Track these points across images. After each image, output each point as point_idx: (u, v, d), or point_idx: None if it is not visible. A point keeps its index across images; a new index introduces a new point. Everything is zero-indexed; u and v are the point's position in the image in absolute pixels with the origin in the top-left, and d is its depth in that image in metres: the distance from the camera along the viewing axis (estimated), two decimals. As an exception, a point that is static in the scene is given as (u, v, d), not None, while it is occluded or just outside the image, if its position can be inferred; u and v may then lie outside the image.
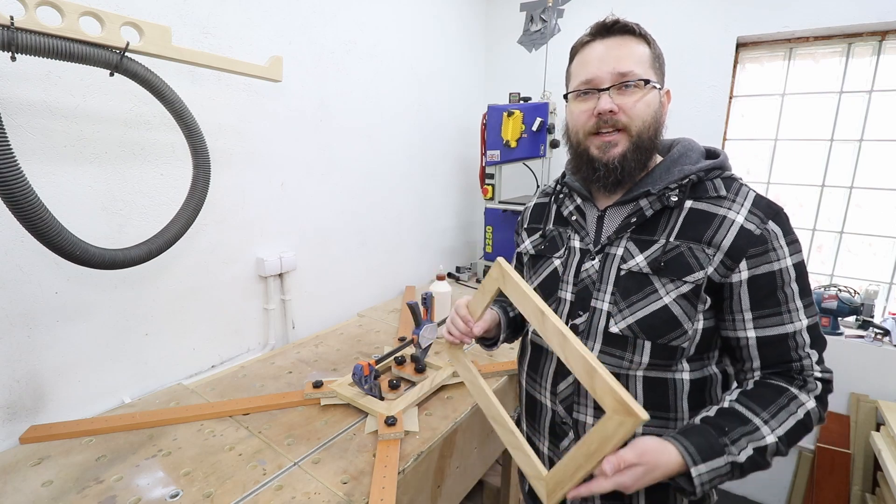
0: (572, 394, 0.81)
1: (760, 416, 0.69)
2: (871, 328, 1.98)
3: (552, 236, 0.91)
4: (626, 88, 0.74)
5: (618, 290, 0.77)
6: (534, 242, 0.94)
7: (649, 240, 0.76)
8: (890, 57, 1.92)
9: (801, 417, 0.70)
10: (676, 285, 0.72)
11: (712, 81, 2.15)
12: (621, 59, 0.74)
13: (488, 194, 2.36)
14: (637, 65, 0.74)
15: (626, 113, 0.74)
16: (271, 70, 1.33)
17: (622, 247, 0.78)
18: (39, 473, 0.92)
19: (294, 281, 1.70)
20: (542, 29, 2.49)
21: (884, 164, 1.99)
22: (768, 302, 0.72)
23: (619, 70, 0.73)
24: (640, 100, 0.74)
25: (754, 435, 0.67)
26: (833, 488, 1.99)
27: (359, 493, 0.89)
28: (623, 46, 0.75)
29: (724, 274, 0.71)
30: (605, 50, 0.75)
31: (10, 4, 0.85)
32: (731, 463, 0.65)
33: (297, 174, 1.66)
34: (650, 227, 0.77)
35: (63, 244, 0.91)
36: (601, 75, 0.75)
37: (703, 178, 0.76)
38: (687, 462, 0.64)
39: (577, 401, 0.81)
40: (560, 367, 0.83)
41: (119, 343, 1.23)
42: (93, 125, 1.11)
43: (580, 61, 0.79)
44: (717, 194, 0.75)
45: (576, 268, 0.83)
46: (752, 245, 0.70)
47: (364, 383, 1.15)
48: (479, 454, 1.30)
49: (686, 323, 0.73)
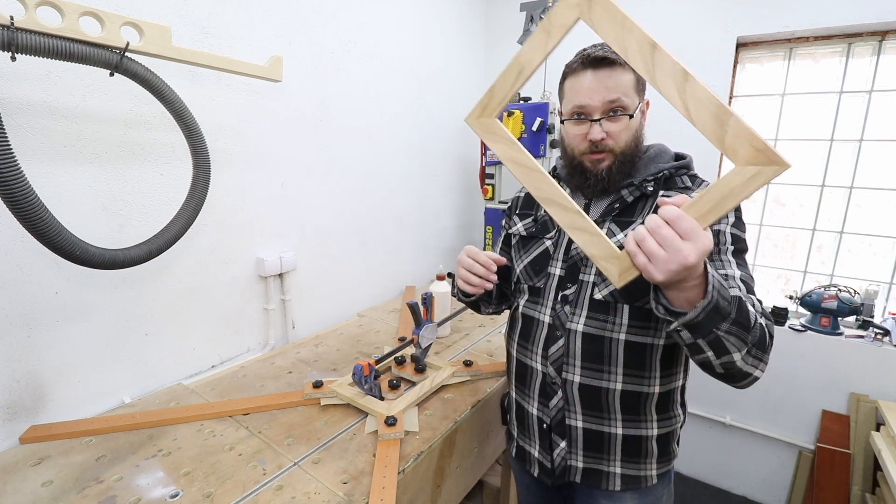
0: (562, 355, 0.94)
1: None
2: (871, 328, 1.98)
3: (543, 221, 1.04)
4: (614, 115, 0.88)
5: None
6: (526, 225, 1.07)
7: (628, 221, 0.91)
8: (890, 57, 1.92)
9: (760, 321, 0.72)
10: None
11: (712, 81, 2.15)
12: (610, 89, 0.86)
13: (488, 194, 2.36)
14: (624, 92, 0.87)
15: (613, 138, 0.89)
16: (271, 70, 1.33)
17: (606, 228, 0.92)
18: (39, 473, 0.92)
19: (294, 281, 1.70)
20: (542, 29, 2.49)
21: (884, 164, 1.99)
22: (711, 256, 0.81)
23: (608, 99, 0.87)
24: (625, 128, 0.89)
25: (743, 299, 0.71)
26: (833, 488, 1.99)
27: (359, 493, 0.89)
28: (611, 78, 0.86)
29: None
30: (595, 81, 0.87)
31: (10, 4, 0.85)
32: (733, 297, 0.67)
33: (297, 174, 1.66)
34: (629, 212, 0.92)
35: (63, 244, 0.91)
36: (593, 104, 0.88)
37: (674, 174, 0.92)
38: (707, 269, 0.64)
39: (567, 361, 0.93)
40: (551, 332, 0.95)
41: (119, 343, 1.23)
42: (93, 125, 1.11)
43: (572, 87, 0.91)
44: (684, 185, 0.92)
45: (565, 247, 0.96)
46: None
47: (364, 383, 1.15)
48: (479, 454, 1.30)
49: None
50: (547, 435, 0.98)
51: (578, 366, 0.92)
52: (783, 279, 2.34)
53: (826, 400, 2.09)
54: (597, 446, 0.94)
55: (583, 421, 0.93)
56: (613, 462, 0.94)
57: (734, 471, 2.37)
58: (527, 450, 1.05)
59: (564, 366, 0.93)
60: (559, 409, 0.95)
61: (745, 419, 2.29)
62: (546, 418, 0.98)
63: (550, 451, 0.98)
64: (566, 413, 0.94)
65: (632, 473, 0.94)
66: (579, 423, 0.93)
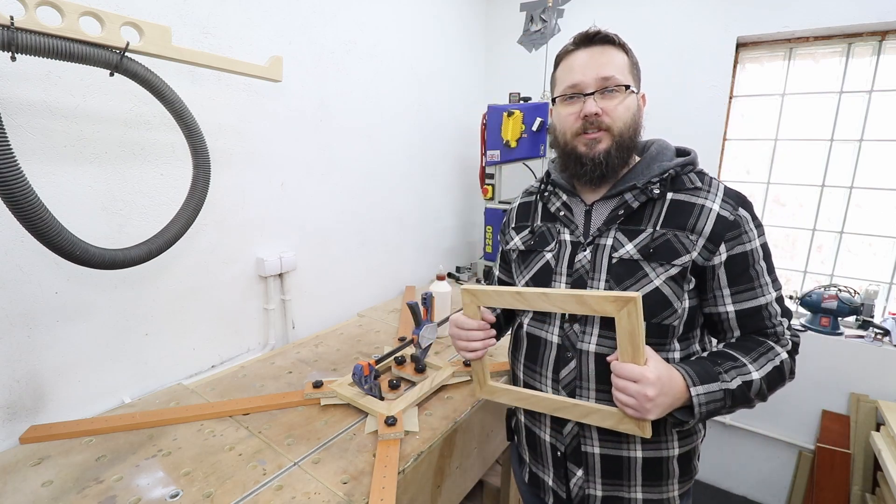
0: (574, 378, 0.86)
1: (745, 357, 0.80)
2: (871, 328, 1.98)
3: (541, 232, 0.96)
4: (609, 93, 0.82)
5: (611, 276, 0.84)
6: (523, 239, 0.99)
7: (636, 229, 0.84)
8: (890, 57, 1.92)
9: (777, 364, 0.80)
10: (666, 268, 0.80)
11: (712, 81, 2.15)
12: (603, 65, 0.82)
13: (488, 194, 2.36)
14: (618, 71, 0.82)
15: (609, 115, 0.82)
16: (271, 70, 1.33)
17: (611, 237, 0.85)
18: (39, 473, 0.92)
19: (294, 281, 1.70)
20: (542, 29, 2.49)
21: (884, 164, 1.99)
22: (742, 278, 0.81)
23: (602, 75, 0.82)
24: (620, 103, 0.83)
25: (742, 369, 0.78)
26: (833, 488, 1.99)
27: (359, 493, 0.89)
28: (604, 55, 0.83)
29: (707, 257, 0.80)
30: (589, 57, 0.83)
31: (10, 4, 0.85)
32: (724, 390, 0.75)
33: (297, 174, 1.66)
34: (636, 219, 0.85)
35: (63, 244, 0.91)
36: (586, 80, 0.83)
37: (680, 173, 0.85)
38: (687, 383, 0.74)
39: (580, 385, 0.86)
40: (560, 353, 0.88)
41: (119, 343, 1.23)
42: (93, 125, 1.11)
43: (565, 68, 0.87)
44: (694, 186, 0.84)
45: (568, 259, 0.89)
46: (728, 229, 0.80)
47: (364, 383, 1.15)
48: (479, 454, 1.30)
49: (675, 302, 0.81)
50: (562, 463, 0.92)
51: (593, 389, 0.85)
52: (783, 279, 2.34)
53: (826, 400, 2.09)
54: (616, 472, 0.87)
55: (600, 447, 0.86)
56: (634, 487, 0.87)
57: (734, 471, 2.37)
58: (540, 477, 0.98)
59: (578, 389, 0.86)
60: (574, 435, 0.89)
61: (744, 419, 2.29)
62: (560, 445, 0.91)
63: (566, 480, 0.92)
64: (581, 440, 0.87)
65: (653, 497, 0.88)
66: (596, 449, 0.87)
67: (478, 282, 2.47)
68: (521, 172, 2.50)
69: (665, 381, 0.73)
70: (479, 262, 2.53)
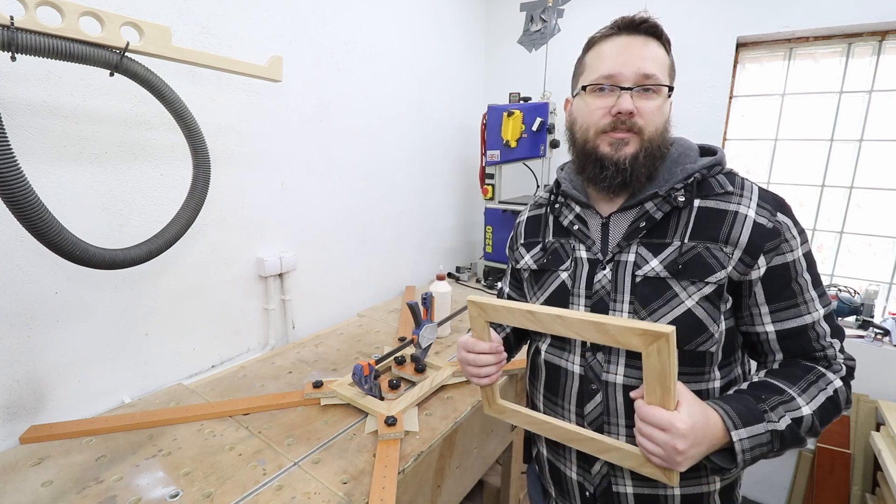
0: (602, 414, 0.76)
1: (793, 389, 0.68)
2: (871, 328, 1.97)
3: (554, 248, 0.86)
4: (647, 92, 0.72)
5: (636, 297, 0.74)
6: (534, 257, 0.89)
7: (661, 243, 0.73)
8: (890, 57, 1.92)
9: (830, 394, 0.68)
10: (698, 287, 0.70)
11: (712, 81, 2.15)
12: (646, 59, 0.72)
13: (488, 194, 2.36)
14: (660, 69, 0.73)
15: (643, 117, 0.72)
16: (271, 70, 1.33)
17: (633, 252, 0.75)
18: (39, 473, 0.92)
19: (294, 281, 1.70)
20: (542, 29, 2.49)
21: (884, 164, 1.99)
22: (784, 294, 0.71)
23: (644, 71, 0.71)
24: (658, 107, 0.73)
25: (790, 404, 0.66)
26: (833, 488, 1.99)
27: (359, 493, 0.89)
28: (647, 47, 0.73)
29: (744, 271, 0.70)
30: (630, 47, 0.73)
31: (10, 4, 0.85)
32: (771, 431, 0.64)
33: (297, 174, 1.66)
34: (659, 230, 0.75)
35: (63, 244, 0.91)
36: (625, 73, 0.72)
37: (706, 176, 0.75)
38: (727, 425, 0.63)
39: (608, 420, 0.76)
40: (584, 385, 0.78)
41: (119, 343, 1.23)
42: (93, 125, 1.11)
43: (599, 54, 0.76)
44: (724, 190, 0.73)
45: (586, 279, 0.79)
46: (767, 239, 0.69)
47: (364, 383, 1.15)
48: (479, 454, 1.30)
49: (712, 325, 0.71)
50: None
51: (623, 425, 0.75)
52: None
53: (826, 400, 2.08)
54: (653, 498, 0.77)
55: (633, 486, 0.77)
56: None
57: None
58: None
59: (605, 426, 0.76)
60: (603, 475, 0.79)
61: (745, 419, 2.28)
62: (589, 486, 0.81)
63: None
64: (612, 479, 0.78)
65: None
66: (629, 488, 0.77)
67: (478, 282, 2.47)
68: (521, 172, 2.50)
69: (699, 429, 0.61)
70: (479, 263, 2.53)
